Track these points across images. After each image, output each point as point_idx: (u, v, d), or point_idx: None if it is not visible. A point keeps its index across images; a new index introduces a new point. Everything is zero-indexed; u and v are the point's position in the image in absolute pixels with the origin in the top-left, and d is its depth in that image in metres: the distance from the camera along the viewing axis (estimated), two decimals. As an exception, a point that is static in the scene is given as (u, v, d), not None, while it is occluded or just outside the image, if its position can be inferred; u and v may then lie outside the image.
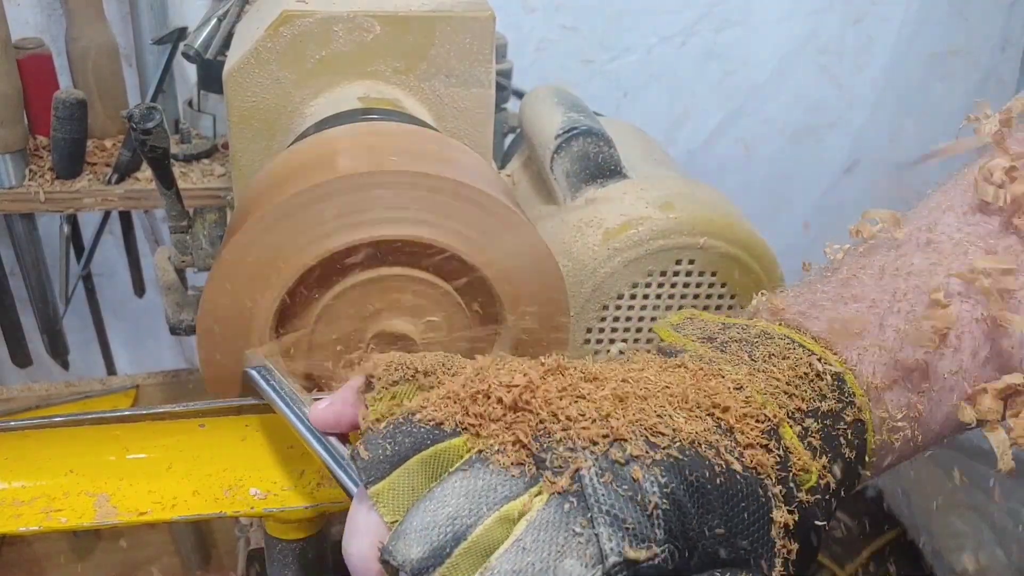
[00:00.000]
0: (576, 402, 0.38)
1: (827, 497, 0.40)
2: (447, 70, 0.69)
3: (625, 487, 0.34)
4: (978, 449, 1.58)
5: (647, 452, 0.36)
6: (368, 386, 0.42)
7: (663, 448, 0.36)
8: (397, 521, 0.36)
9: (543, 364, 0.40)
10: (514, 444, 0.36)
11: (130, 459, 0.52)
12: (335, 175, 0.53)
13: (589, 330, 0.72)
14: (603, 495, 0.34)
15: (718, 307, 0.72)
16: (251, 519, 0.84)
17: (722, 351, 0.43)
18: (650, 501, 0.34)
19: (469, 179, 0.55)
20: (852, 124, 1.68)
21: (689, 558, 0.35)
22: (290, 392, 0.50)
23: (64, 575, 1.11)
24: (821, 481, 0.40)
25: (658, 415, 0.37)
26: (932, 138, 1.73)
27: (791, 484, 0.38)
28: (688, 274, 0.71)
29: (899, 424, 0.43)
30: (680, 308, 0.72)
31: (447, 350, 0.44)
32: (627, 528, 0.33)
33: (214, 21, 0.96)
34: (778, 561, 0.37)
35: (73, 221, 1.17)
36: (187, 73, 1.21)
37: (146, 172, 1.04)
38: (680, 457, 0.36)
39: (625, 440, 0.36)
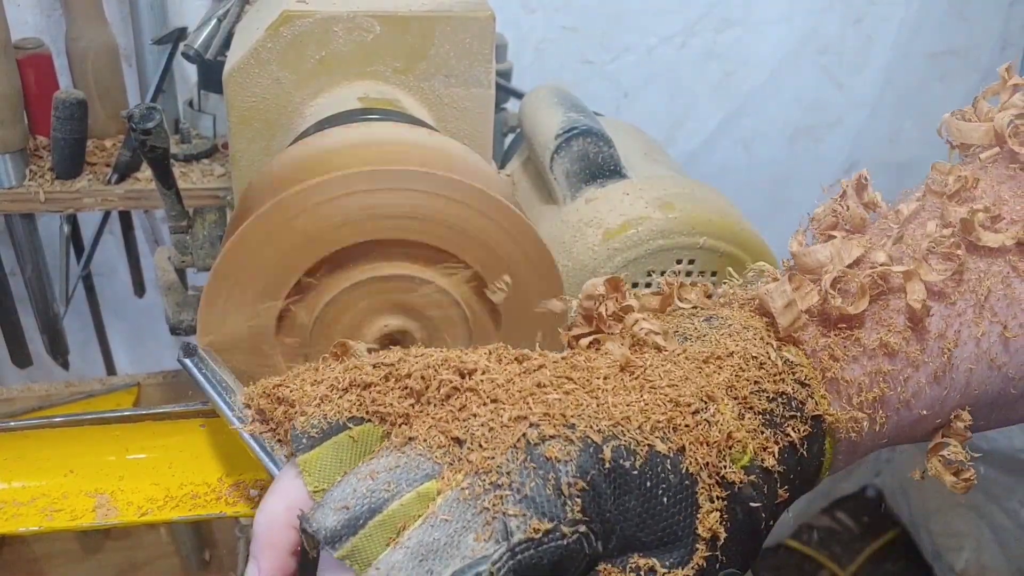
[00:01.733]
0: (504, 387, 0.38)
1: (770, 479, 0.39)
2: (447, 70, 0.69)
3: (537, 467, 0.34)
4: (977, 449, 1.58)
5: (563, 433, 0.36)
6: None
7: (581, 429, 0.36)
8: (320, 490, 0.36)
9: (485, 347, 0.41)
10: (439, 426, 0.37)
11: (130, 459, 0.52)
12: (334, 175, 0.53)
13: (589, 330, 0.72)
14: (514, 474, 0.34)
15: (718, 307, 0.72)
16: (251, 519, 0.84)
17: (675, 332, 0.44)
18: (563, 481, 0.34)
19: (469, 178, 0.55)
20: (852, 124, 1.68)
21: (607, 541, 0.35)
22: (221, 380, 0.51)
23: (64, 575, 1.11)
24: (760, 460, 0.39)
25: (582, 397, 0.38)
26: (932, 138, 1.73)
27: (723, 464, 0.38)
28: (688, 274, 0.71)
29: (861, 403, 0.42)
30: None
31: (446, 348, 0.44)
32: (536, 506, 0.33)
33: (214, 21, 0.96)
34: (702, 545, 0.37)
35: (73, 221, 1.17)
36: (187, 73, 1.21)
37: (146, 172, 1.04)
38: (598, 438, 0.36)
39: (543, 421, 0.36)
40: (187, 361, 0.53)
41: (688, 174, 0.83)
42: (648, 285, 0.71)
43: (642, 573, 0.36)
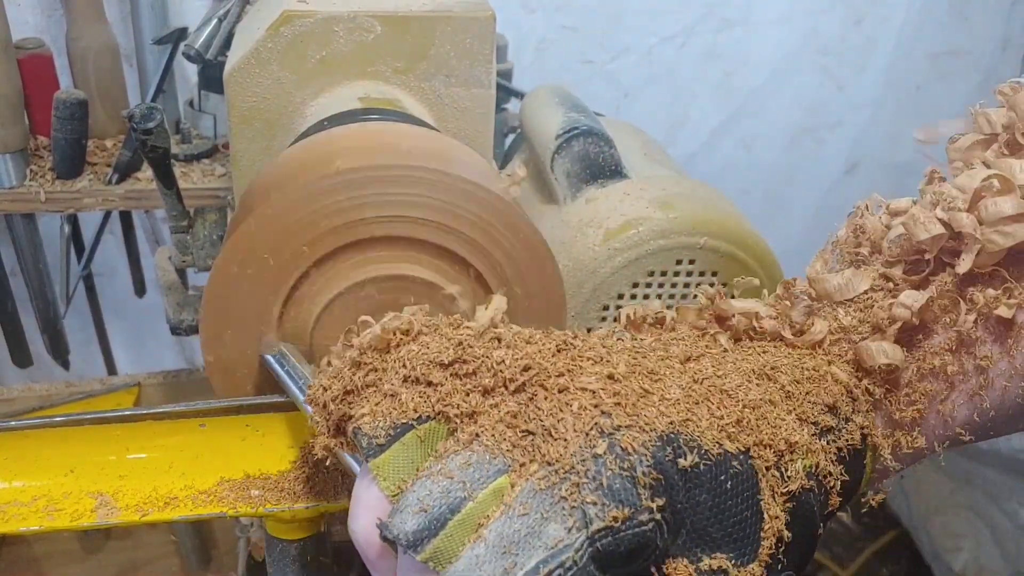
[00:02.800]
0: (571, 378, 0.38)
1: (823, 486, 0.40)
2: (447, 70, 0.69)
3: (613, 455, 0.35)
4: (978, 449, 1.57)
5: (637, 423, 0.36)
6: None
7: (653, 421, 0.36)
8: (397, 494, 0.37)
9: (551, 340, 0.41)
10: (507, 420, 0.37)
11: (130, 459, 0.52)
12: (335, 173, 0.53)
13: (589, 330, 0.72)
14: (589, 462, 0.34)
15: (718, 307, 0.72)
16: (251, 519, 0.84)
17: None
18: (638, 470, 0.35)
19: (470, 177, 0.55)
20: (853, 125, 1.68)
21: (676, 535, 0.36)
22: (304, 377, 0.51)
23: (64, 575, 1.11)
24: (819, 467, 0.40)
25: (652, 391, 0.38)
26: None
27: (785, 467, 0.39)
28: (688, 274, 0.71)
29: (902, 419, 0.43)
30: (680, 308, 0.72)
31: None
32: (612, 494, 0.34)
33: (215, 21, 0.96)
34: (767, 543, 0.37)
35: (73, 221, 1.17)
36: (187, 73, 1.21)
37: (146, 172, 1.04)
38: (670, 430, 0.36)
39: (615, 411, 0.36)
40: (269, 357, 0.53)
41: (688, 174, 0.83)
42: (648, 285, 0.71)
43: (715, 571, 0.36)
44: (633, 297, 0.71)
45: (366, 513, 0.38)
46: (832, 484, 0.41)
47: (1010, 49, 1.66)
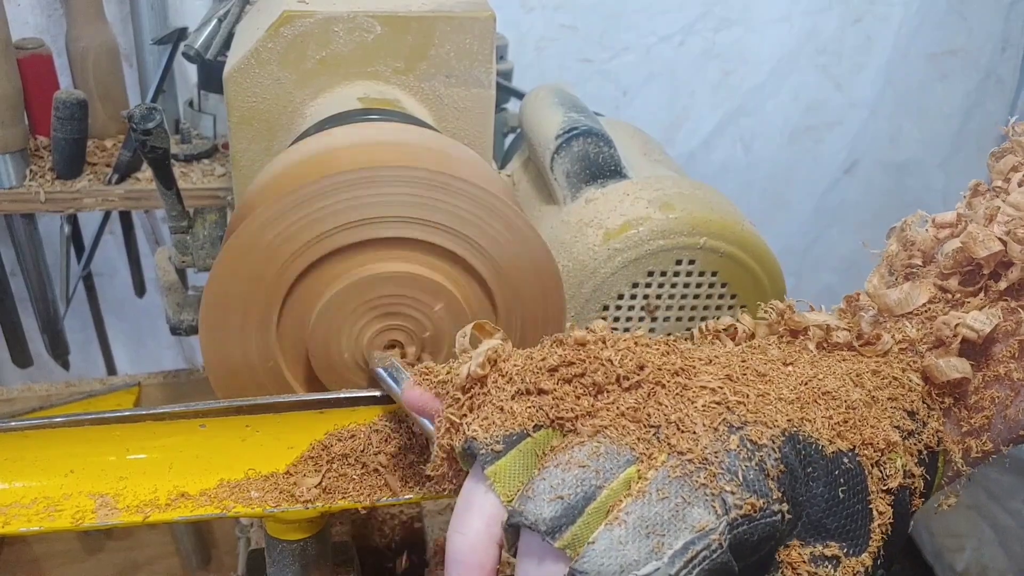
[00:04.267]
0: (688, 377, 0.40)
1: (912, 485, 0.42)
2: (447, 70, 0.69)
3: (744, 450, 0.36)
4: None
5: (762, 419, 0.38)
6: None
7: (774, 417, 0.38)
8: (512, 500, 0.37)
9: (658, 343, 0.42)
10: (628, 415, 0.38)
11: (130, 459, 0.52)
12: (334, 174, 0.53)
13: (589, 330, 0.72)
14: (722, 454, 0.36)
15: (718, 307, 0.72)
16: (251, 519, 0.84)
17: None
18: (767, 463, 0.36)
19: (469, 178, 0.55)
20: (851, 124, 1.68)
21: (793, 526, 0.37)
22: None
23: (64, 575, 1.11)
24: (908, 467, 0.41)
25: (767, 392, 0.40)
26: (932, 138, 1.73)
27: (885, 465, 0.40)
28: (688, 274, 0.71)
29: (971, 426, 0.45)
30: (680, 308, 0.72)
31: None
32: (748, 485, 0.35)
33: (214, 21, 0.96)
34: (875, 536, 0.39)
35: (73, 221, 1.17)
36: (187, 73, 1.21)
37: (146, 172, 1.04)
38: (791, 427, 0.38)
39: (738, 408, 0.38)
40: (380, 371, 0.53)
41: (688, 174, 0.83)
42: (648, 285, 0.71)
43: (828, 558, 0.38)
44: (633, 297, 0.71)
45: (480, 519, 0.37)
46: (915, 485, 0.42)
47: (1009, 49, 1.66)
